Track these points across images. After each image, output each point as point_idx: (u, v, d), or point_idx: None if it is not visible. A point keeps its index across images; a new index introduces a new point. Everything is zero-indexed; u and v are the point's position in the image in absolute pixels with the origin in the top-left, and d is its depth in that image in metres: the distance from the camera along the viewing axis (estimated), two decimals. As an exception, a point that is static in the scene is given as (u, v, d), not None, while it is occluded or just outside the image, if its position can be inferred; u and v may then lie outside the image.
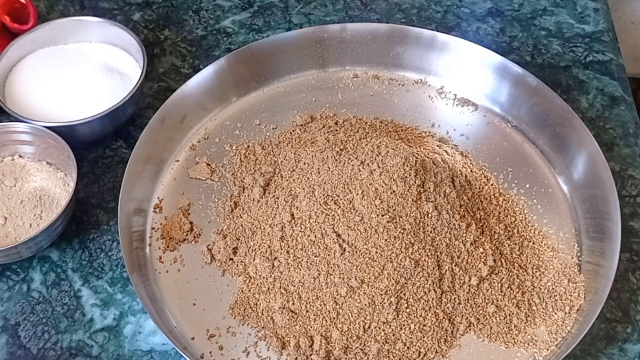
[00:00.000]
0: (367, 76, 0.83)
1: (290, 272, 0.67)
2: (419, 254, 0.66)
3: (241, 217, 0.72)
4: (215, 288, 0.70)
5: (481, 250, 0.68)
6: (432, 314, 0.65)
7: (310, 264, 0.67)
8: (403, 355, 0.65)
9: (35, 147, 0.75)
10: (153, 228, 0.73)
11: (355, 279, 0.65)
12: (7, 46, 0.80)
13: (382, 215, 0.66)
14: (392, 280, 0.65)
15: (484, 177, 0.75)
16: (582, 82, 0.84)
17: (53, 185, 0.74)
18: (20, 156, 0.75)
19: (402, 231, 0.66)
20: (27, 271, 0.72)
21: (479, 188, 0.74)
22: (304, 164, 0.73)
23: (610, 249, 0.68)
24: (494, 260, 0.68)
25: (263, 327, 0.67)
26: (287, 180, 0.73)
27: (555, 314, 0.67)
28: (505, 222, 0.72)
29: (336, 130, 0.77)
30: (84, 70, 0.79)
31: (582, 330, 0.64)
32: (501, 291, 0.67)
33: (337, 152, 0.72)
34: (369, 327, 0.65)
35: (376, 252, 0.65)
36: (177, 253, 0.72)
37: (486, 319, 0.67)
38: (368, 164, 0.68)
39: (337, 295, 0.66)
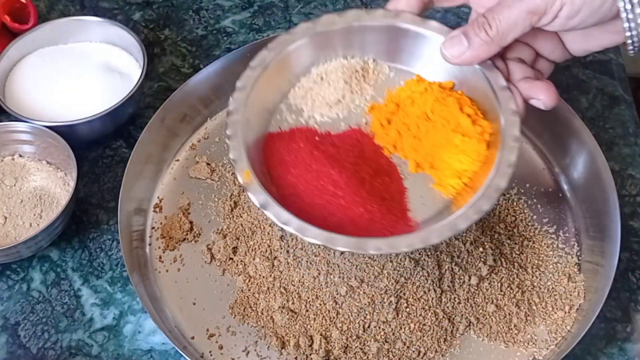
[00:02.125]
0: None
1: (290, 272, 0.68)
2: (419, 254, 0.66)
3: (241, 217, 0.72)
4: (215, 287, 0.70)
5: (481, 249, 0.68)
6: (431, 313, 0.65)
7: (310, 263, 0.67)
8: (403, 354, 0.65)
9: (36, 147, 0.75)
10: (153, 227, 0.73)
11: (355, 279, 0.65)
12: (8, 46, 0.80)
13: (382, 215, 0.66)
14: (391, 280, 0.65)
15: (484, 176, 0.75)
16: (582, 81, 0.84)
17: (53, 185, 0.74)
18: (21, 156, 0.75)
19: (401, 230, 0.66)
20: (27, 270, 0.72)
21: (479, 188, 0.74)
22: (304, 163, 0.73)
23: (610, 249, 0.67)
24: (494, 260, 0.68)
25: (263, 327, 0.67)
26: (287, 180, 0.73)
27: (555, 313, 0.67)
28: (505, 222, 0.72)
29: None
30: (84, 70, 0.79)
31: (582, 330, 0.64)
32: (501, 290, 0.67)
33: (337, 151, 0.72)
34: (368, 327, 0.65)
35: (376, 252, 0.65)
36: (177, 252, 0.72)
37: (486, 318, 0.67)
38: (368, 164, 0.68)
39: (337, 294, 0.66)
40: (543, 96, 0.58)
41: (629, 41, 0.55)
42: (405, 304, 0.65)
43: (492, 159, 0.57)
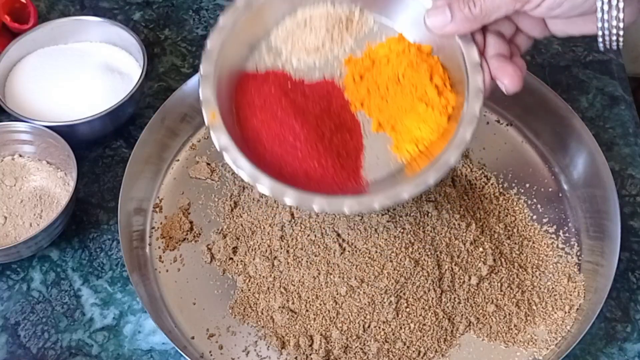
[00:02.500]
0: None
1: (290, 272, 0.68)
2: (419, 254, 0.66)
3: (241, 217, 0.72)
4: (215, 287, 0.70)
5: (481, 249, 0.68)
6: (431, 313, 0.65)
7: (310, 263, 0.67)
8: (403, 354, 0.65)
9: (36, 147, 0.75)
10: (153, 227, 0.73)
11: (355, 279, 0.65)
12: (8, 46, 0.80)
13: (382, 215, 0.66)
14: (391, 280, 0.65)
15: (484, 176, 0.75)
16: (582, 81, 0.84)
17: (53, 185, 0.74)
18: (21, 156, 0.75)
19: (402, 231, 0.66)
20: (27, 270, 0.72)
21: (479, 188, 0.74)
22: (304, 163, 0.73)
23: (610, 249, 0.68)
24: (494, 260, 0.68)
25: (263, 327, 0.67)
26: (287, 180, 0.73)
27: (555, 313, 0.67)
28: (505, 222, 0.72)
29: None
30: (84, 69, 0.79)
31: (582, 330, 0.64)
32: (501, 290, 0.67)
33: (337, 151, 0.72)
34: (368, 327, 0.65)
35: (376, 252, 0.65)
36: (177, 252, 0.72)
37: (486, 318, 0.67)
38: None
39: (337, 294, 0.66)
40: (507, 81, 0.59)
41: (600, 39, 0.57)
42: (405, 304, 0.65)
43: (450, 131, 0.59)
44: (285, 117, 0.60)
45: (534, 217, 0.73)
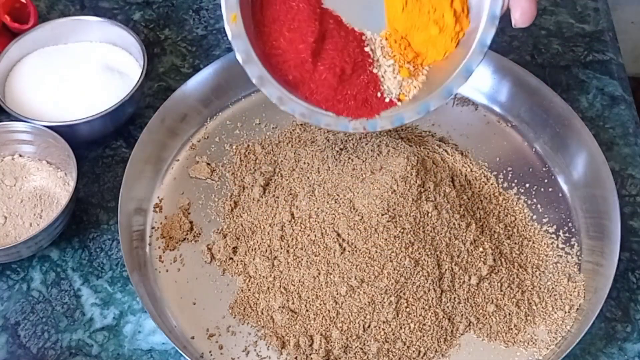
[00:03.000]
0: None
1: (290, 272, 0.68)
2: (419, 254, 0.66)
3: (241, 217, 0.72)
4: (215, 287, 0.70)
5: (481, 249, 0.68)
6: (431, 313, 0.65)
7: (310, 263, 0.67)
8: (403, 354, 0.65)
9: (36, 147, 0.75)
10: (153, 227, 0.73)
11: (355, 278, 0.65)
12: (8, 46, 0.80)
13: (382, 215, 0.66)
14: (391, 280, 0.65)
15: (484, 176, 0.75)
16: (582, 81, 0.84)
17: (53, 185, 0.74)
18: (21, 155, 0.75)
19: (402, 230, 0.66)
20: (27, 270, 0.72)
21: (479, 187, 0.74)
22: (304, 163, 0.73)
23: (610, 249, 0.68)
24: (494, 260, 0.68)
25: (263, 327, 0.67)
26: (287, 180, 0.73)
27: (555, 313, 0.67)
28: (505, 222, 0.72)
29: (336, 129, 0.77)
30: (84, 69, 0.79)
31: (582, 330, 0.64)
32: (501, 290, 0.67)
33: (338, 151, 0.72)
34: (368, 327, 0.65)
35: (376, 252, 0.65)
36: (177, 252, 0.72)
37: (486, 318, 0.67)
38: (369, 164, 0.68)
39: (337, 294, 0.66)
40: (518, 15, 0.59)
41: None
42: (405, 304, 0.65)
43: (457, 56, 0.59)
44: (316, 49, 0.59)
45: (534, 217, 0.73)
